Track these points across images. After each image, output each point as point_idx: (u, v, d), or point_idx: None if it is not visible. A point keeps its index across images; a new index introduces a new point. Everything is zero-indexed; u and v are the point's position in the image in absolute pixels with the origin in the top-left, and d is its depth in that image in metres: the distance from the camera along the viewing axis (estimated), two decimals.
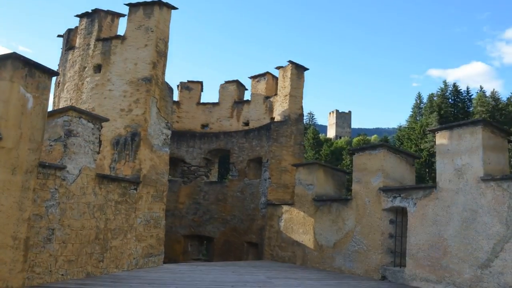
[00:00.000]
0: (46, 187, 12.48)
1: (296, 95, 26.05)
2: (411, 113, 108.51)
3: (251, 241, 26.39)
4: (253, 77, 30.09)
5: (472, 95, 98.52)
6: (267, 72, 29.46)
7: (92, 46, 19.74)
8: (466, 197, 13.79)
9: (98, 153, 14.90)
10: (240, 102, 30.51)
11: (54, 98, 21.45)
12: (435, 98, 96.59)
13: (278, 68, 27.66)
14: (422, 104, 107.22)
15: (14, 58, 9.98)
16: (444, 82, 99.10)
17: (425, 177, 72.25)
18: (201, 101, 31.48)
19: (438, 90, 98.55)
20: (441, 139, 14.86)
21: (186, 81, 31.68)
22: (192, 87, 31.50)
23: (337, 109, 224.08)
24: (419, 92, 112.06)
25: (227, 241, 27.71)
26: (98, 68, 19.34)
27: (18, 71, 10.04)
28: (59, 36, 23.10)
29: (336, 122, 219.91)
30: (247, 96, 30.97)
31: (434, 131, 15.57)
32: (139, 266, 17.04)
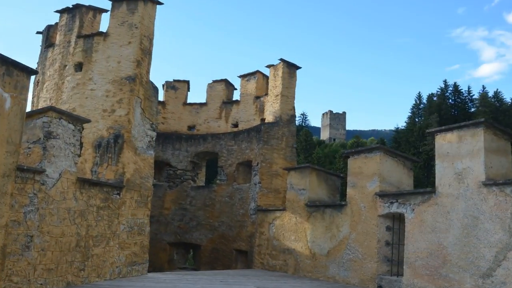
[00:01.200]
0: (24, 191, 12.48)
1: (288, 95, 26.08)
2: (410, 114, 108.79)
3: (240, 249, 26.42)
4: (242, 76, 30.14)
5: (474, 95, 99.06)
6: (258, 71, 29.50)
7: (73, 43, 19.75)
8: (467, 202, 13.84)
9: (79, 156, 14.92)
10: (229, 103, 30.54)
11: (33, 98, 21.41)
12: (434, 99, 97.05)
13: (269, 66, 27.68)
14: (421, 105, 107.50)
15: None
16: (445, 81, 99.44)
17: (424, 181, 72.48)
18: (188, 102, 31.48)
19: (438, 90, 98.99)
20: (441, 141, 14.91)
21: (171, 80, 31.64)
22: (178, 86, 31.50)
23: (331, 109, 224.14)
24: (418, 92, 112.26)
25: (215, 249, 27.73)
26: (79, 67, 19.34)
27: None
28: (38, 33, 23.08)
29: (330, 124, 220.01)
30: (236, 96, 31.03)
31: (433, 133, 15.62)
32: (122, 275, 17.06)
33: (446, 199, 14.44)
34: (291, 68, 26.53)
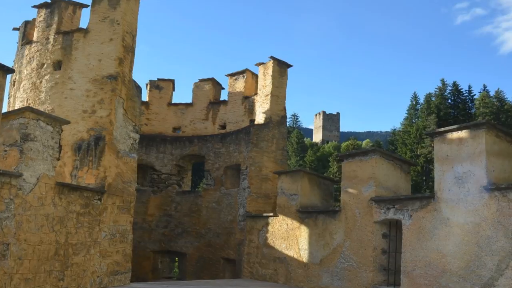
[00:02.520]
0: (0, 197, 12.47)
1: (278, 94, 26.08)
2: (407, 115, 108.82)
3: (228, 257, 26.42)
4: (230, 75, 30.13)
5: (475, 95, 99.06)
6: (246, 69, 29.52)
7: (51, 40, 19.73)
8: (467, 208, 13.87)
9: (58, 159, 14.93)
10: (216, 103, 30.53)
11: (9, 98, 21.40)
12: (433, 99, 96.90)
13: (258, 64, 27.70)
14: (418, 105, 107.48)
15: None
16: (442, 80, 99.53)
17: (422, 186, 72.58)
18: (173, 102, 31.47)
19: (436, 89, 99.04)
20: (440, 143, 14.97)
21: (156, 79, 31.64)
22: (162, 85, 31.46)
23: (324, 110, 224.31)
24: (415, 92, 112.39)
25: (202, 257, 27.71)
26: (58, 65, 19.32)
27: None
28: (14, 29, 23.01)
29: (322, 125, 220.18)
30: (224, 96, 31.05)
31: (432, 135, 15.69)
32: (103, 285, 17.04)
33: (445, 204, 14.49)
34: (281, 66, 26.52)
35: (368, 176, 17.49)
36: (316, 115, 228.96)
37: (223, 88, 31.36)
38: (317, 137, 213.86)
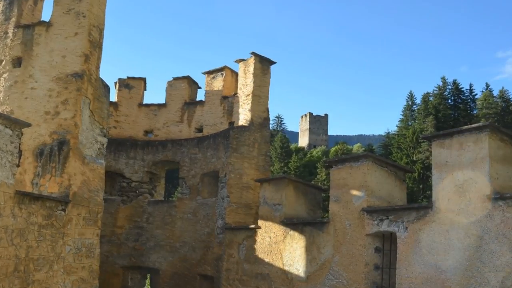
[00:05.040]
0: None
1: (260, 94, 26.14)
2: (402, 116, 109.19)
3: (205, 274, 26.40)
4: (208, 73, 30.13)
5: (477, 94, 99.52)
6: (225, 67, 29.49)
7: (10, 34, 19.70)
8: (468, 219, 13.93)
9: (18, 165, 14.91)
10: (192, 103, 30.52)
11: None
12: (431, 99, 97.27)
13: (238, 61, 27.78)
14: (415, 106, 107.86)
15: None
16: (443, 79, 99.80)
17: (419, 195, 72.73)
18: (144, 102, 31.42)
19: (435, 88, 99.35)
20: (438, 148, 15.05)
21: (125, 77, 31.54)
22: (133, 84, 31.35)
23: (311, 111, 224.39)
24: (411, 91, 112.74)
25: (176, 274, 27.66)
26: (17, 62, 19.29)
27: None
28: None
29: (309, 128, 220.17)
30: (200, 95, 31.09)
31: (429, 139, 15.78)
32: None
33: (444, 215, 14.56)
34: (264, 63, 26.58)
35: (360, 184, 17.56)
36: (302, 117, 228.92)
37: (200, 87, 31.35)
38: (303, 141, 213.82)
